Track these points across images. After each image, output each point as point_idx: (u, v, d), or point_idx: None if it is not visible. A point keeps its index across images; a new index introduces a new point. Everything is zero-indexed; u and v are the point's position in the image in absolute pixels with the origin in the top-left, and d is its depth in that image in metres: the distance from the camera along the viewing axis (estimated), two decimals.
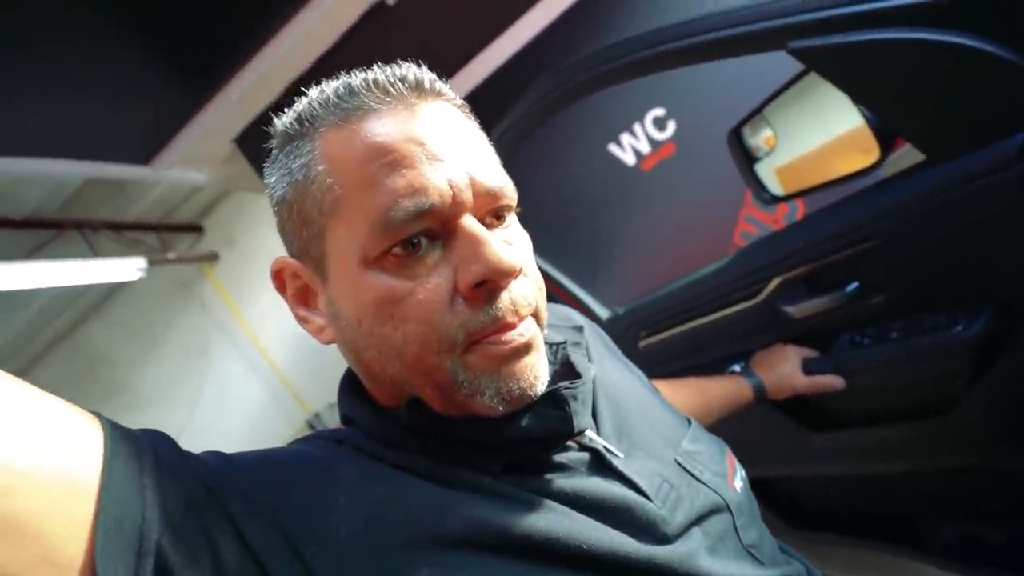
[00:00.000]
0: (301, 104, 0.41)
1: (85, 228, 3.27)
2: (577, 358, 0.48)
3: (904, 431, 0.81)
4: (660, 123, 1.83)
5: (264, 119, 0.43)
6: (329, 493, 0.35)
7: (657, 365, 1.14)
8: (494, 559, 0.34)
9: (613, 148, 1.91)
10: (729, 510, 0.45)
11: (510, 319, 0.37)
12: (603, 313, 1.23)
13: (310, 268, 0.41)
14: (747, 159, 0.95)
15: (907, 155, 0.76)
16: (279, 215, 0.42)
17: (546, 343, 0.51)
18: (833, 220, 0.82)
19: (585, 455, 0.42)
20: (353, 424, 0.44)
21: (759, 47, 0.72)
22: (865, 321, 0.85)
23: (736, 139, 0.95)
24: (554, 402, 0.40)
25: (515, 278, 0.38)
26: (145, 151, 2.38)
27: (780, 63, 0.74)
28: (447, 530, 0.34)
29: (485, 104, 0.52)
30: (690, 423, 0.54)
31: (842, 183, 0.83)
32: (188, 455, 0.34)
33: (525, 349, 0.38)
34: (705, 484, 0.46)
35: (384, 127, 0.37)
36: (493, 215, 0.40)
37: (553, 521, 0.36)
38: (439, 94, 0.41)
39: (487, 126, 0.45)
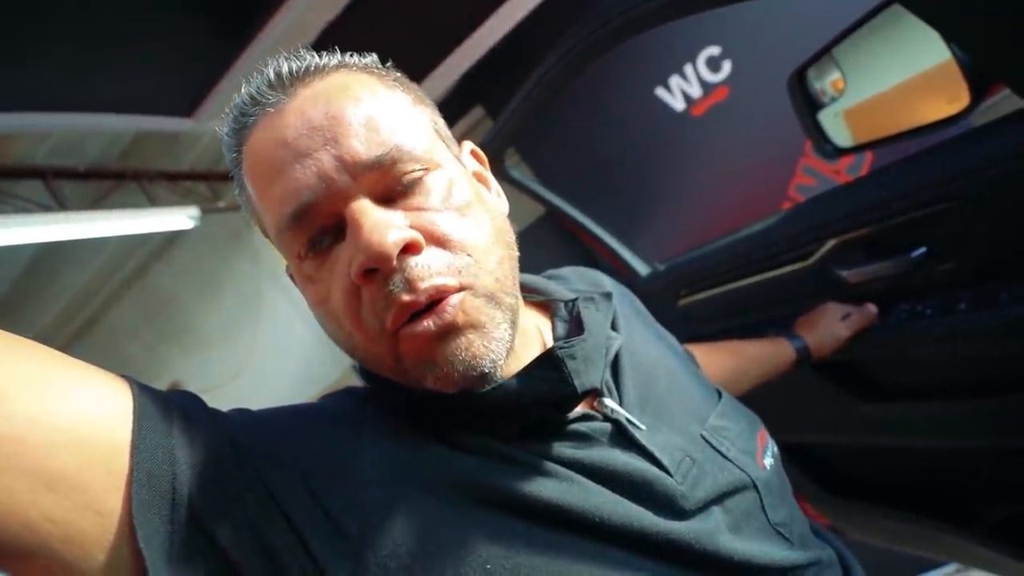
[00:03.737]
0: (223, 131, 0.41)
1: (142, 178, 3.42)
2: (587, 313, 0.47)
3: (964, 408, 0.76)
4: (714, 63, 1.67)
5: None
6: (351, 447, 0.36)
7: (695, 326, 1.10)
8: (507, 521, 0.34)
9: (661, 92, 1.77)
10: (756, 488, 0.44)
11: (405, 298, 0.34)
12: (642, 270, 1.18)
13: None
14: (810, 106, 0.85)
15: (1002, 103, 0.66)
16: None
17: (559, 301, 0.50)
18: (907, 176, 0.73)
19: (607, 426, 0.41)
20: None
21: None
22: (928, 290, 0.78)
23: (799, 83, 0.85)
24: (550, 364, 0.39)
25: (415, 253, 0.35)
26: (188, 104, 2.46)
27: None
28: (461, 491, 0.35)
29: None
30: (720, 397, 0.52)
31: (921, 134, 0.73)
32: (216, 413, 0.36)
33: (450, 331, 0.35)
34: (731, 461, 0.44)
35: (257, 142, 0.38)
36: (398, 183, 0.37)
37: (565, 490, 0.36)
38: (311, 75, 0.38)
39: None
